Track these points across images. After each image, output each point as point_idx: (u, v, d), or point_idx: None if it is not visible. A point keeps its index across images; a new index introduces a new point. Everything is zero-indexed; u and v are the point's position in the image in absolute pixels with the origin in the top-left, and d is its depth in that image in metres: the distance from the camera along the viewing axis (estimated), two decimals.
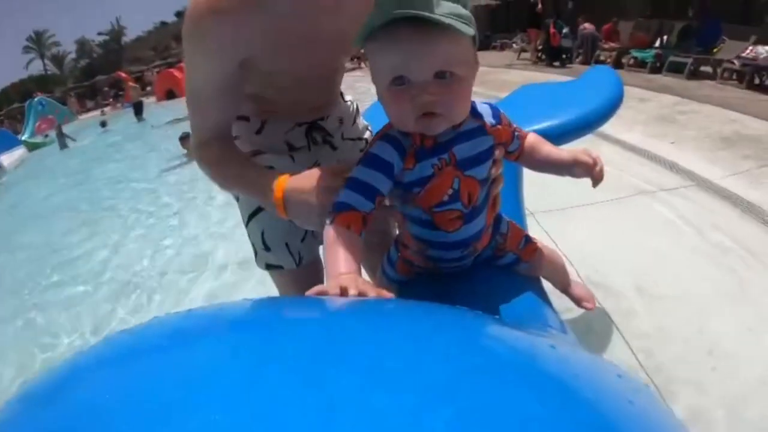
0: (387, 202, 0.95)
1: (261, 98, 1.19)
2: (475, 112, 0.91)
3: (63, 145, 13.01)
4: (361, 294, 0.67)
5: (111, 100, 26.63)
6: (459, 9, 0.75)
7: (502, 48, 15.78)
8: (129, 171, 8.01)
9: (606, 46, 10.45)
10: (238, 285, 3.24)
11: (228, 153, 1.09)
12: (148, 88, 24.85)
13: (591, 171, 1.01)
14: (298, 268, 1.34)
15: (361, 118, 1.45)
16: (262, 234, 1.33)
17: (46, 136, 15.93)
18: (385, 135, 0.87)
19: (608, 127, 4.76)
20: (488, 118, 0.93)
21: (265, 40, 0.95)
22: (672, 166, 3.88)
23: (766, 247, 2.66)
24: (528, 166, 1.09)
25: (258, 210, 1.32)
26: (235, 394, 0.36)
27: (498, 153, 0.96)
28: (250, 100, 1.19)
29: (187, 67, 1.01)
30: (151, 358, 0.46)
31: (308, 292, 0.68)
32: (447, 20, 0.71)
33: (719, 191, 3.33)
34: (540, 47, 11.67)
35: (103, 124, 15.32)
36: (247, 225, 1.37)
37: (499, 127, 0.95)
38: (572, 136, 1.67)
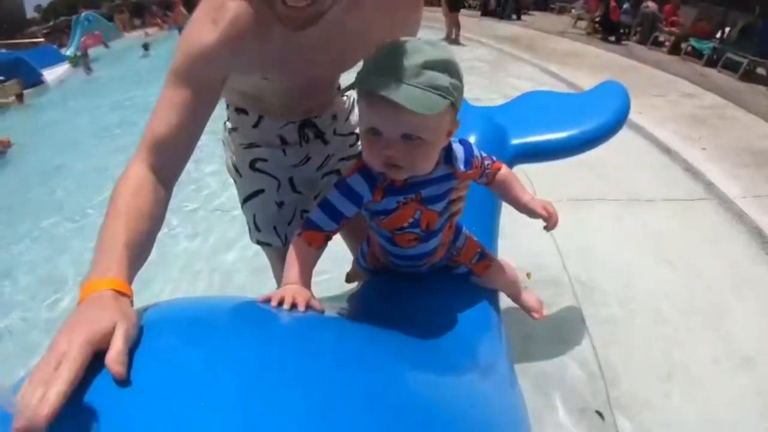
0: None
1: (258, 99, 1.28)
2: (448, 159, 1.00)
3: (87, 69, 12.57)
4: (293, 305, 0.80)
5: (158, 20, 26.47)
6: (439, 80, 0.82)
7: (560, 12, 15.15)
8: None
9: (666, 29, 10.01)
10: None
11: (138, 197, 0.85)
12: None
13: (547, 223, 1.13)
14: (284, 246, 1.47)
15: (356, 113, 1.52)
16: (254, 217, 1.50)
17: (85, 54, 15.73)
18: (362, 168, 0.96)
19: (641, 118, 4.72)
20: (460, 164, 1.02)
21: (260, 65, 1.03)
22: (694, 173, 3.82)
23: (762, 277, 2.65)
24: (497, 195, 1.19)
25: (250, 196, 1.46)
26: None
27: (458, 192, 1.08)
28: (248, 98, 1.28)
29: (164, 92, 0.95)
30: None
31: (259, 298, 0.84)
32: (411, 100, 0.79)
33: (732, 209, 3.27)
34: (597, 18, 11.21)
35: (146, 47, 14.70)
36: (242, 206, 1.52)
37: (469, 172, 1.04)
38: (567, 153, 1.69)
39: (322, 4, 0.90)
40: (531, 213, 1.13)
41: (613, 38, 10.67)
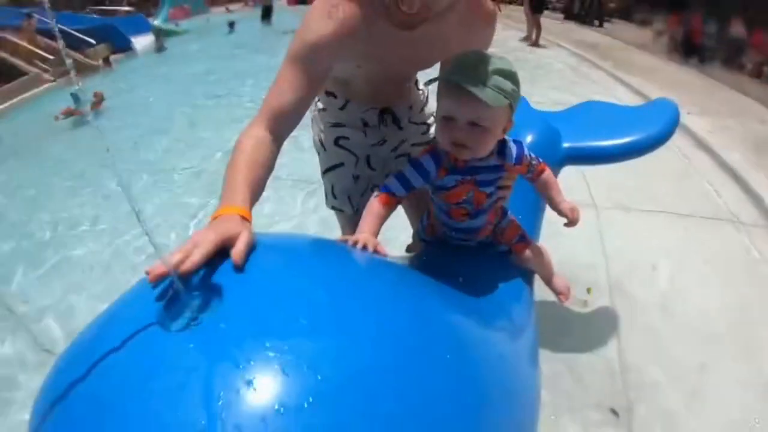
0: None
1: (347, 84, 1.53)
2: (501, 152, 1.23)
3: (160, 47, 12.16)
4: (363, 247, 1.04)
5: None
6: (504, 85, 1.06)
7: (643, 23, 14.62)
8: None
9: (754, 56, 9.56)
10: None
11: (256, 151, 1.09)
12: None
13: (568, 223, 1.33)
14: (355, 214, 1.75)
15: (429, 105, 1.74)
16: (332, 186, 1.78)
17: (177, 24, 16.13)
18: (433, 149, 1.21)
19: (710, 137, 4.68)
20: (510, 159, 1.25)
21: (360, 56, 1.28)
22: (756, 199, 3.77)
23: None
24: (538, 191, 1.39)
25: (331, 168, 1.75)
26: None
27: (505, 181, 1.32)
28: (338, 83, 1.53)
29: (283, 70, 1.19)
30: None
31: (338, 239, 1.10)
32: (483, 93, 1.02)
33: None
34: (679, 37, 10.83)
35: (231, 24, 14.77)
36: (322, 176, 1.80)
37: (517, 166, 1.27)
38: (612, 159, 1.85)
39: (427, 13, 1.14)
40: (560, 212, 1.33)
41: (694, 59, 10.29)
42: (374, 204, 1.21)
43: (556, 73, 7.40)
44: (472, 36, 1.30)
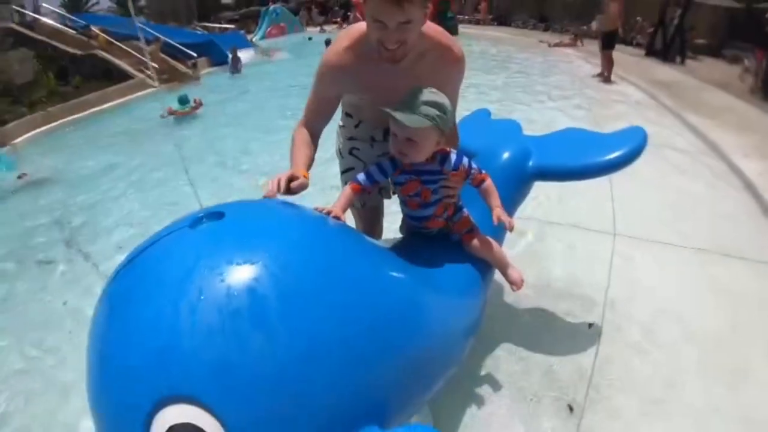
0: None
1: (359, 109, 2.02)
2: (442, 160, 1.67)
3: (235, 70, 12.80)
4: (328, 213, 1.48)
5: (339, 20, 28.61)
6: (429, 111, 1.53)
7: (733, 61, 13.98)
8: None
9: None
10: None
11: (303, 137, 1.84)
12: None
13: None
14: (362, 209, 2.26)
15: None
16: (346, 184, 2.26)
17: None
18: (392, 157, 1.68)
19: (760, 180, 4.64)
20: (448, 166, 1.68)
21: (358, 88, 1.79)
22: None
23: None
24: (482, 197, 1.80)
25: (345, 171, 2.27)
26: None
27: (448, 184, 1.74)
28: (353, 107, 2.04)
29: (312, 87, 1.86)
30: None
31: (315, 207, 1.52)
32: (407, 118, 1.49)
33: None
34: (761, 75, 10.35)
35: (328, 42, 16.08)
36: (340, 176, 2.32)
37: (454, 172, 1.69)
38: (576, 177, 2.23)
39: (405, 50, 1.59)
40: (493, 216, 1.72)
41: None
42: (347, 190, 1.67)
43: (617, 109, 7.42)
44: (443, 72, 1.74)
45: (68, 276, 3.77)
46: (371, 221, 2.34)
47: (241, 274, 1.04)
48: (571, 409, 2.21)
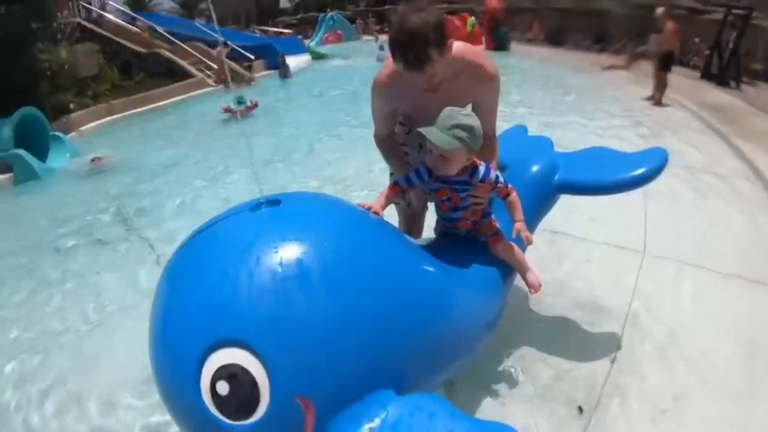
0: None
1: (411, 119, 2.27)
2: (472, 173, 1.86)
3: (284, 75, 13.32)
4: (368, 209, 1.71)
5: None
6: (460, 134, 1.72)
7: None
8: None
9: None
10: None
11: (390, 144, 2.30)
12: None
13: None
14: (407, 207, 2.46)
15: None
16: None
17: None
18: (428, 167, 1.88)
19: None
20: (476, 178, 1.87)
21: (398, 104, 2.07)
22: None
23: None
24: (507, 209, 2.01)
25: (394, 173, 2.47)
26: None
27: (476, 193, 1.93)
28: (406, 118, 2.31)
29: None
30: None
31: (359, 203, 1.76)
32: (439, 139, 1.70)
33: None
34: None
35: (382, 47, 16.04)
36: (389, 177, 2.54)
37: (481, 184, 1.89)
38: (597, 192, 2.38)
39: (437, 82, 1.83)
40: (513, 229, 1.94)
41: None
42: (387, 190, 1.90)
43: (664, 134, 7.28)
44: (478, 89, 1.98)
45: (128, 255, 4.16)
46: (413, 219, 2.59)
47: (292, 249, 1.27)
48: (581, 410, 2.31)
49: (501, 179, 1.92)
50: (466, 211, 1.96)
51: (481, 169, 1.88)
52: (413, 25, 1.66)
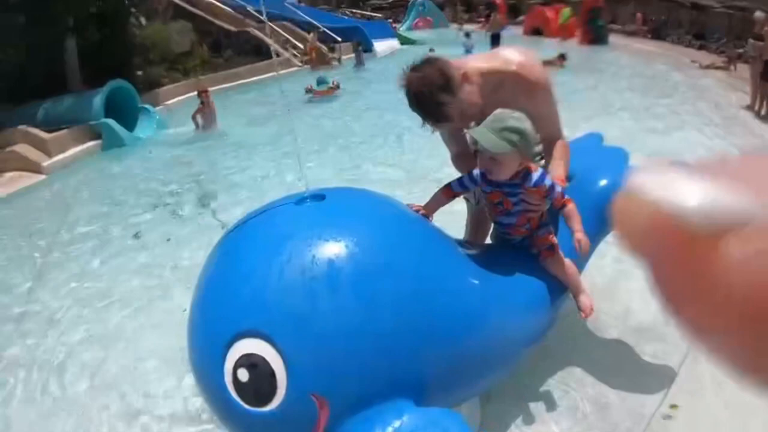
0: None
1: None
2: (524, 177, 1.76)
3: (359, 62, 13.19)
4: (417, 210, 1.70)
5: (483, 19, 28.41)
6: (510, 136, 1.63)
7: None
8: None
9: None
10: None
11: (466, 163, 2.07)
12: (520, 18, 25.36)
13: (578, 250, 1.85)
14: (477, 205, 2.43)
15: None
16: None
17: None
18: (481, 171, 1.80)
19: None
20: (529, 183, 1.77)
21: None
22: None
23: None
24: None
25: None
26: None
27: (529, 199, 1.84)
28: None
29: None
30: None
31: (409, 204, 1.75)
32: (489, 143, 1.62)
33: None
34: None
35: (468, 35, 15.45)
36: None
37: (533, 189, 1.79)
38: None
39: (472, 115, 1.84)
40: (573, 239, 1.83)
41: None
42: (439, 193, 1.85)
43: (755, 148, 6.66)
44: (523, 98, 1.87)
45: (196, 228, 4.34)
46: (481, 220, 2.49)
47: (326, 248, 1.27)
48: None
49: (558, 188, 1.82)
50: (519, 216, 1.87)
51: (535, 174, 1.78)
52: (414, 89, 1.76)
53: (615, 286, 3.27)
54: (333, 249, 1.27)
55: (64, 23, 7.63)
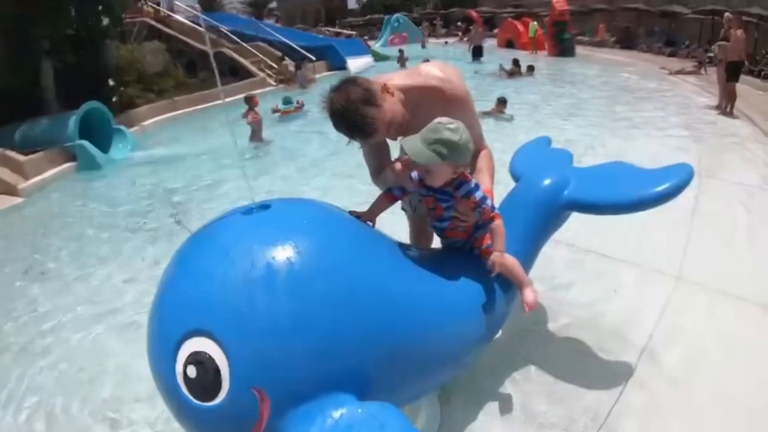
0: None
1: None
2: (458, 186, 1.86)
3: (302, 84, 12.96)
4: (358, 217, 1.79)
5: (460, 33, 28.90)
6: (440, 149, 1.71)
7: None
8: None
9: None
10: None
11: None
12: (495, 31, 25.87)
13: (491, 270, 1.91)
14: (414, 214, 2.52)
15: None
16: None
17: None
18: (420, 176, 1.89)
19: None
20: (461, 192, 1.86)
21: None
22: None
23: None
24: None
25: None
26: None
27: (459, 208, 1.93)
28: None
29: None
30: None
31: (351, 210, 1.82)
32: (417, 155, 1.72)
33: None
34: None
35: (446, 42, 16.37)
36: None
37: (464, 199, 1.88)
38: (622, 210, 2.27)
39: (399, 126, 1.91)
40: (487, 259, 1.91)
41: None
42: (380, 198, 1.93)
43: (727, 147, 6.91)
44: (444, 111, 1.91)
45: (171, 248, 4.37)
46: (421, 226, 2.56)
47: (266, 253, 1.37)
48: None
49: (488, 202, 1.89)
50: (451, 221, 1.96)
51: (469, 185, 1.85)
52: (336, 107, 1.79)
53: (572, 286, 3.38)
54: (273, 253, 1.36)
55: (40, 46, 7.73)
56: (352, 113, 1.77)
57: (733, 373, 2.56)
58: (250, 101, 7.57)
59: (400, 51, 16.00)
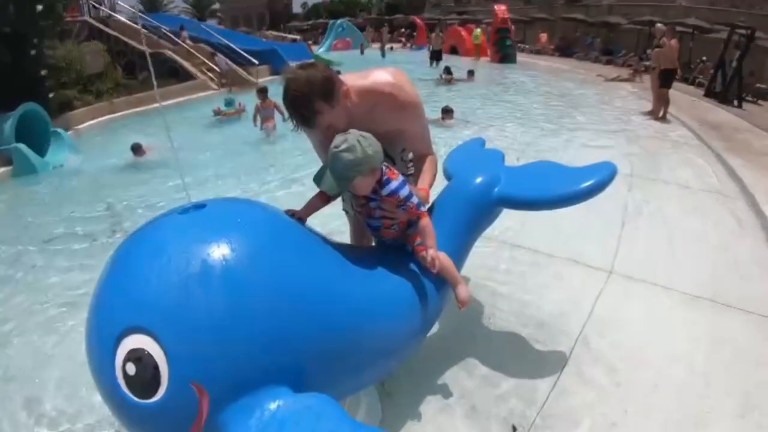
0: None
1: None
2: (382, 187, 1.88)
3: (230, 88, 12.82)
4: (292, 215, 1.80)
5: (403, 39, 29.25)
6: (345, 173, 1.73)
7: None
8: None
9: None
10: None
11: None
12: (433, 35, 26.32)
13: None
14: (354, 214, 2.47)
15: (410, 154, 2.36)
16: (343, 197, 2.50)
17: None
18: None
19: None
20: (384, 191, 1.89)
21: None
22: None
23: None
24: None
25: None
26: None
27: (386, 207, 1.97)
28: None
29: None
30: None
31: (286, 209, 1.83)
32: (324, 186, 1.84)
33: None
34: None
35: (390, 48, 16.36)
36: None
37: (388, 198, 1.91)
38: (549, 206, 2.36)
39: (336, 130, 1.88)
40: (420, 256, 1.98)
41: None
42: (315, 197, 1.94)
43: (660, 151, 7.21)
44: (396, 116, 2.05)
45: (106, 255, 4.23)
46: (361, 226, 2.53)
47: (202, 250, 1.38)
48: (514, 429, 2.28)
49: (413, 200, 1.91)
50: (382, 221, 2.00)
51: (392, 184, 1.88)
52: (296, 86, 1.77)
53: (509, 277, 3.53)
54: (208, 250, 1.38)
55: None
56: (304, 98, 1.78)
57: (661, 357, 2.74)
58: (259, 94, 8.12)
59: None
